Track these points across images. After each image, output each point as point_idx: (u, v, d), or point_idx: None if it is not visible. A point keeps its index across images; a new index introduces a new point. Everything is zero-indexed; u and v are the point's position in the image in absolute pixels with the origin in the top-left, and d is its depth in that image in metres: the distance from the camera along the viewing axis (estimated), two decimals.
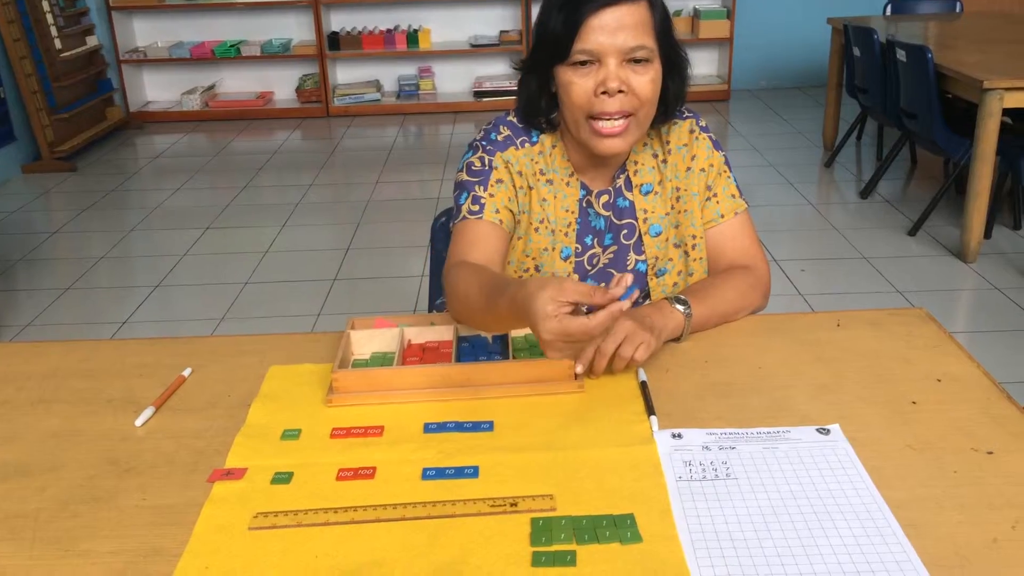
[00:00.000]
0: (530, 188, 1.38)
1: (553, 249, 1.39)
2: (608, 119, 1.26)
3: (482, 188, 1.34)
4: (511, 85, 1.39)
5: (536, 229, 1.39)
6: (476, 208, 1.33)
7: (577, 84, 1.26)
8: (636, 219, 1.41)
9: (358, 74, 6.44)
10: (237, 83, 6.44)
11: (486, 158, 1.36)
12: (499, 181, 1.35)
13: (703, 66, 6.50)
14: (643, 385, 1.18)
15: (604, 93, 1.24)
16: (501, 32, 6.27)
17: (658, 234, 1.41)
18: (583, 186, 1.40)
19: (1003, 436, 1.06)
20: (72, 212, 4.53)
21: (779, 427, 1.09)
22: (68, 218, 4.45)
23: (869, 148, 5.13)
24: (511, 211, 1.36)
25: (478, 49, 6.21)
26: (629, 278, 1.01)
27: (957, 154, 3.66)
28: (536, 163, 1.38)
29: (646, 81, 1.26)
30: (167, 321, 3.30)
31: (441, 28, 6.33)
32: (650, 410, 1.13)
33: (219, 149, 5.60)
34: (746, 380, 1.21)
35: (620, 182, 1.41)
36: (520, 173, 1.37)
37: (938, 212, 3.98)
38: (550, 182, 1.38)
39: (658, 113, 1.33)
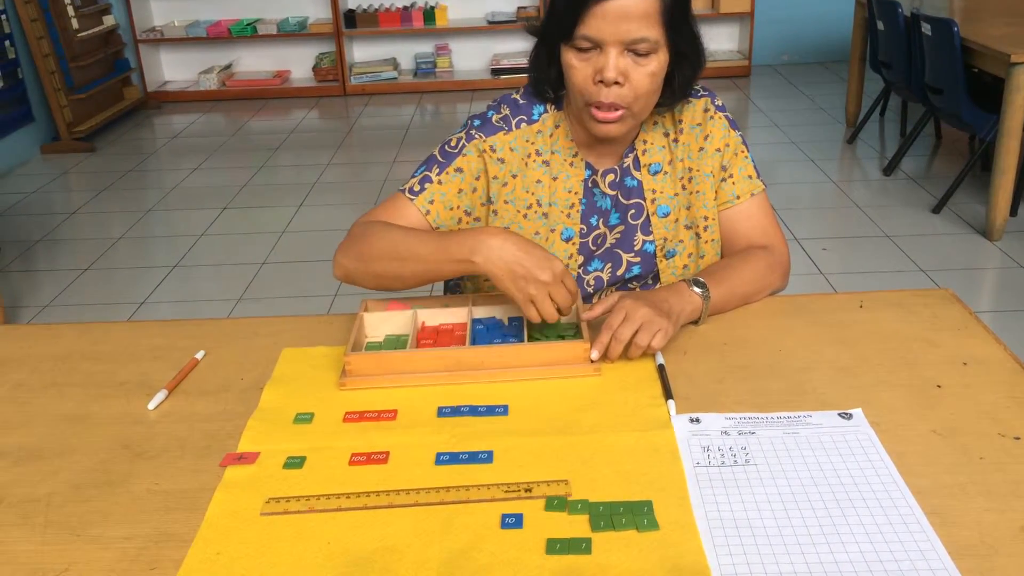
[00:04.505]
0: (513, 176, 1.35)
1: (552, 232, 1.37)
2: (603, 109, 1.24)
3: (437, 170, 1.34)
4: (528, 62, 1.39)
5: (524, 216, 1.36)
6: (418, 188, 1.33)
7: (577, 69, 1.23)
8: (644, 199, 1.39)
9: (375, 52, 6.41)
10: (254, 62, 6.42)
11: (463, 142, 1.35)
12: (458, 170, 1.34)
13: (723, 41, 6.42)
14: (660, 368, 1.16)
15: (601, 82, 1.21)
16: (518, 8, 6.21)
17: (666, 214, 1.39)
18: (588, 166, 1.37)
19: None
20: (90, 193, 4.55)
21: (800, 411, 1.07)
22: (87, 199, 4.47)
23: (893, 124, 5.05)
24: (449, 205, 1.34)
25: (495, 26, 6.16)
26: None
27: (983, 130, 3.59)
28: (532, 144, 1.35)
29: (645, 74, 1.22)
30: (185, 301, 3.31)
31: (458, 5, 6.28)
32: (668, 394, 1.11)
33: (236, 129, 5.59)
34: (766, 363, 1.18)
35: (628, 161, 1.38)
36: (502, 160, 1.34)
37: (963, 189, 3.92)
38: (547, 163, 1.35)
39: (664, 97, 1.29)
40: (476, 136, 1.34)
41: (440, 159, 1.35)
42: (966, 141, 4.59)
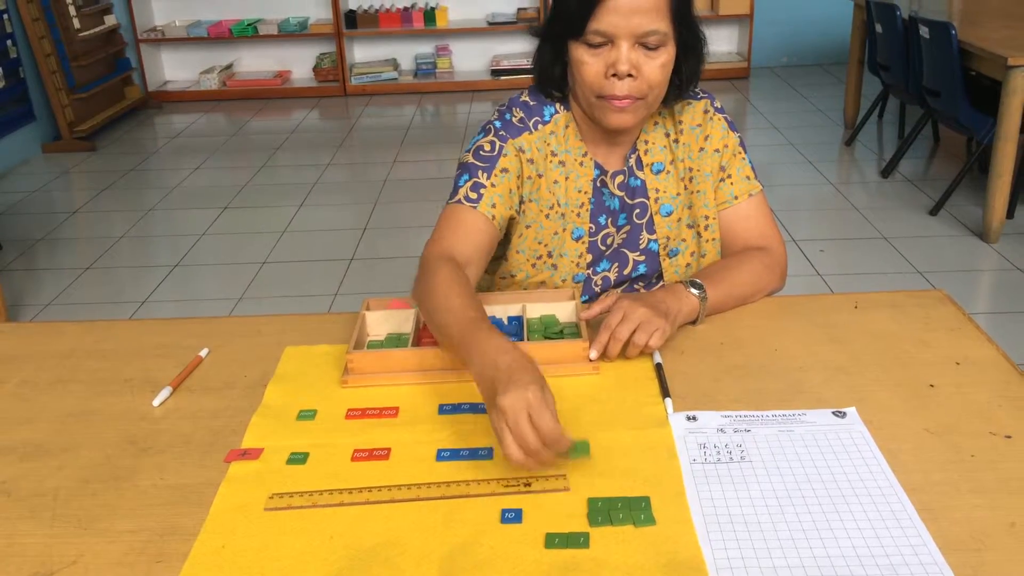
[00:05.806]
0: (539, 176, 1.36)
1: (564, 231, 1.39)
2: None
3: (485, 175, 1.32)
4: (529, 63, 1.40)
5: (547, 216, 1.38)
6: (474, 196, 1.31)
7: (588, 64, 1.26)
8: (648, 198, 1.41)
9: (375, 52, 6.42)
10: (254, 62, 6.43)
11: (497, 143, 1.35)
12: (504, 171, 1.33)
13: (723, 43, 6.43)
14: (658, 367, 1.18)
15: (614, 75, 1.24)
16: (519, 9, 6.22)
17: (669, 213, 1.41)
18: (597, 166, 1.39)
19: (1022, 420, 1.05)
20: (92, 192, 4.56)
21: (795, 410, 1.09)
22: (88, 198, 4.48)
23: (891, 126, 5.06)
24: (508, 206, 1.34)
25: (495, 27, 6.17)
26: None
27: (980, 133, 3.61)
28: (548, 144, 1.37)
29: (656, 66, 1.25)
30: (186, 300, 3.32)
31: (458, 6, 6.29)
32: (665, 392, 1.12)
33: (237, 128, 5.61)
34: (762, 362, 1.20)
35: (632, 161, 1.40)
36: (532, 161, 1.36)
37: (960, 191, 3.93)
38: (562, 163, 1.37)
39: (670, 90, 1.32)
40: (507, 137, 1.35)
41: (480, 164, 1.33)
42: (964, 144, 4.60)
